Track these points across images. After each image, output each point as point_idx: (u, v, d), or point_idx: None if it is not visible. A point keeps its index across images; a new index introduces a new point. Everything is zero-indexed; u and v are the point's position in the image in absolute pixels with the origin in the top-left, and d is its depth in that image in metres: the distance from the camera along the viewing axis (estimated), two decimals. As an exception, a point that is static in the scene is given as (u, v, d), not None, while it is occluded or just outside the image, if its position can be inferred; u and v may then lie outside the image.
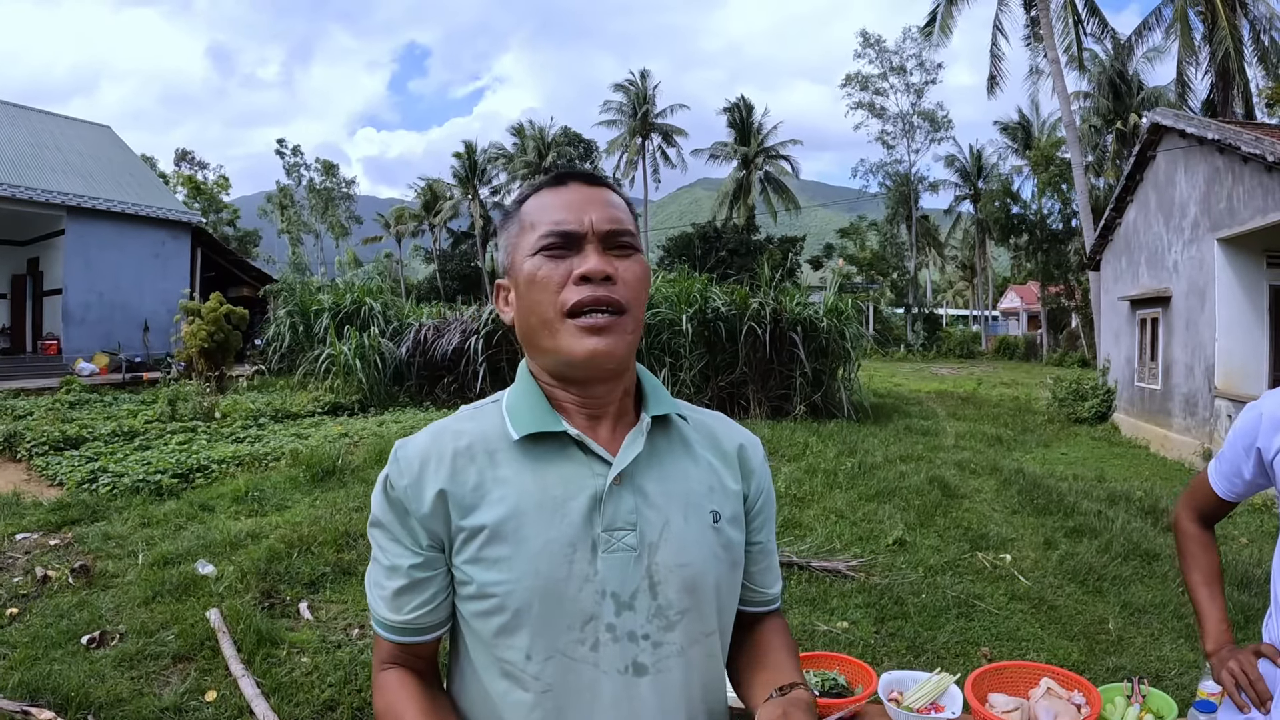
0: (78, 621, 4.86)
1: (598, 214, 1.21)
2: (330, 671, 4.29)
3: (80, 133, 25.49)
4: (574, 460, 1.21)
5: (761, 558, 1.41)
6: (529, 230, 1.23)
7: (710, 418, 1.41)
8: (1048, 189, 37.62)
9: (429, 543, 1.19)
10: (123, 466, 8.72)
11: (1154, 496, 8.81)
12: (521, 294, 1.22)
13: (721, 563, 1.27)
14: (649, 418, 1.26)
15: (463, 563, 1.18)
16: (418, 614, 1.21)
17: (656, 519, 1.21)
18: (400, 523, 1.20)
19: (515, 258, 1.24)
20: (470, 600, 1.18)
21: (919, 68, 46.49)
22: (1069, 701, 2.88)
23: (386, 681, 1.24)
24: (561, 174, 1.27)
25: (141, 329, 21.83)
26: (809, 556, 6.37)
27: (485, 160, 56.89)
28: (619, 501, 1.19)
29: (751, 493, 1.37)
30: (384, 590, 1.22)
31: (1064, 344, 40.74)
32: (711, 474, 1.31)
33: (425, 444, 1.22)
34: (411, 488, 1.18)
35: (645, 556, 1.19)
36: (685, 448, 1.31)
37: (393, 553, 1.21)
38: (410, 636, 1.23)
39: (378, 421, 12.79)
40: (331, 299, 17.68)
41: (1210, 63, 24.84)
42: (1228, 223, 10.95)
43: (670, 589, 1.20)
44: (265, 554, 5.97)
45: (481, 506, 1.17)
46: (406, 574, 1.20)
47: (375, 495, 1.23)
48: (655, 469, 1.25)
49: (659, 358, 14.44)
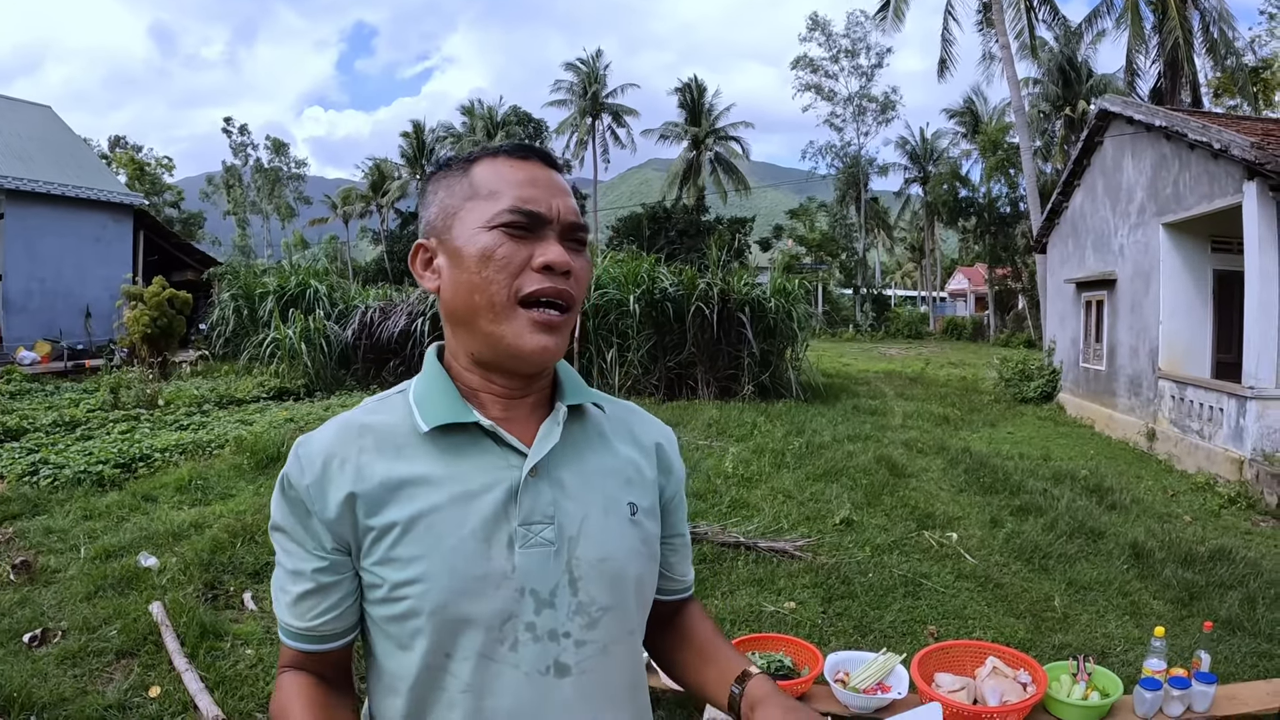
0: (19, 619, 4.73)
1: (563, 203, 1.16)
2: (275, 663, 4.23)
3: (20, 114, 24.77)
4: (487, 452, 1.15)
5: (681, 548, 1.40)
6: (486, 199, 1.13)
7: (625, 408, 1.36)
8: (995, 173, 38.05)
9: (334, 545, 1.12)
10: (64, 458, 8.52)
11: (1099, 475, 8.97)
12: (466, 267, 1.12)
13: (641, 557, 1.23)
14: (564, 407, 1.21)
15: (372, 564, 1.11)
16: (322, 620, 1.14)
17: (575, 511, 1.16)
18: (302, 525, 1.12)
19: (459, 224, 1.14)
20: (381, 604, 1.11)
21: (867, 51, 46.77)
22: (1015, 680, 2.91)
23: (283, 684, 1.17)
24: (523, 146, 1.19)
25: (84, 316, 21.34)
26: (756, 537, 6.38)
27: (434, 140, 56.32)
28: (536, 494, 1.14)
29: (670, 486, 1.34)
30: (287, 595, 1.15)
31: (1011, 325, 41.36)
32: (629, 465, 1.27)
33: (328, 440, 1.15)
34: (314, 487, 1.11)
35: (565, 551, 1.14)
36: (601, 438, 1.26)
37: (295, 556, 1.14)
38: (314, 644, 1.16)
39: (324, 406, 12.65)
40: (276, 282, 17.47)
41: (1160, 52, 25.25)
42: (1174, 208, 11.13)
43: (592, 584, 1.15)
44: (209, 544, 5.87)
45: (390, 504, 1.10)
46: (311, 578, 1.13)
47: (274, 496, 1.15)
48: (573, 460, 1.20)
49: (606, 338, 14.47)
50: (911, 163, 49.79)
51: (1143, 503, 8.07)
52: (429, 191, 1.22)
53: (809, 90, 48.31)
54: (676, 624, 1.40)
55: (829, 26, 47.21)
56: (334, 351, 15.32)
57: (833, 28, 47.32)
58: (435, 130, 56.85)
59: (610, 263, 15.94)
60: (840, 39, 46.90)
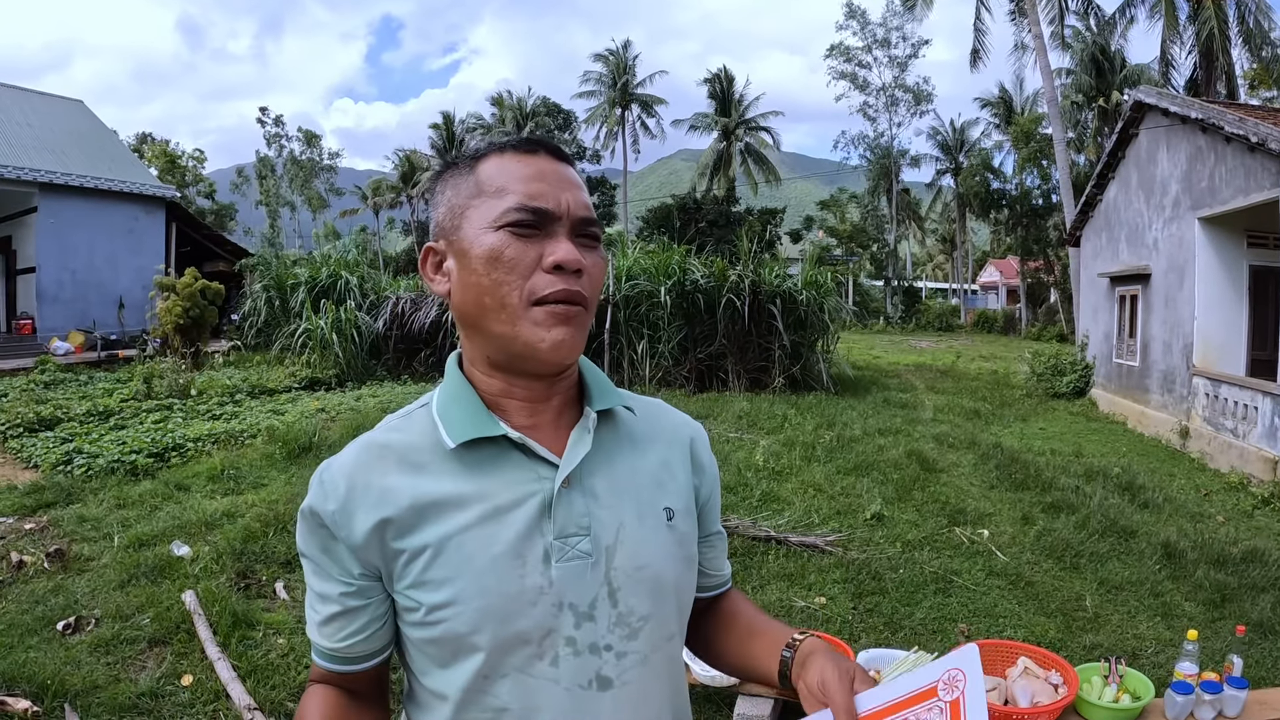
0: (53, 607, 4.80)
1: (573, 197, 1.11)
2: (306, 653, 4.25)
3: (52, 108, 25.08)
4: (516, 465, 1.12)
5: (717, 543, 1.38)
6: (493, 197, 1.10)
7: (654, 407, 1.33)
8: (1028, 164, 37.68)
9: (361, 571, 1.10)
10: (98, 447, 8.62)
11: (1131, 473, 8.87)
12: (475, 269, 1.09)
13: (678, 561, 1.20)
14: (594, 413, 1.17)
15: (405, 588, 1.09)
16: (349, 642, 1.13)
17: (610, 521, 1.13)
18: (326, 551, 1.11)
19: (467, 224, 1.11)
20: (418, 626, 1.09)
21: (903, 40, 46.43)
22: (1046, 681, 2.89)
23: (309, 696, 1.17)
24: (530, 139, 1.15)
25: (117, 306, 21.60)
26: (787, 531, 6.38)
27: (464, 131, 56.42)
28: (569, 505, 1.11)
29: (704, 486, 1.32)
30: (316, 615, 1.15)
31: (1042, 319, 40.99)
32: (662, 468, 1.24)
33: (351, 464, 1.12)
34: (339, 513, 1.09)
35: (602, 562, 1.11)
36: (632, 442, 1.23)
37: (322, 579, 1.12)
38: (343, 665, 1.15)
39: (355, 396, 12.72)
40: (308, 273, 17.57)
41: (1194, 42, 24.89)
42: (1209, 202, 10.98)
43: (631, 595, 1.13)
44: (241, 534, 5.93)
45: (420, 526, 1.08)
46: (337, 601, 1.12)
47: (299, 524, 1.14)
48: (604, 467, 1.16)
49: (637, 330, 14.46)
50: (943, 154, 49.34)
51: (1175, 502, 7.98)
52: (437, 191, 1.19)
53: (843, 79, 48.06)
54: (717, 612, 1.38)
55: (865, 15, 46.96)
56: (365, 342, 15.37)
57: (869, 16, 47.08)
58: (465, 121, 56.96)
59: (641, 254, 15.93)
60: (876, 28, 46.64)
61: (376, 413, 10.62)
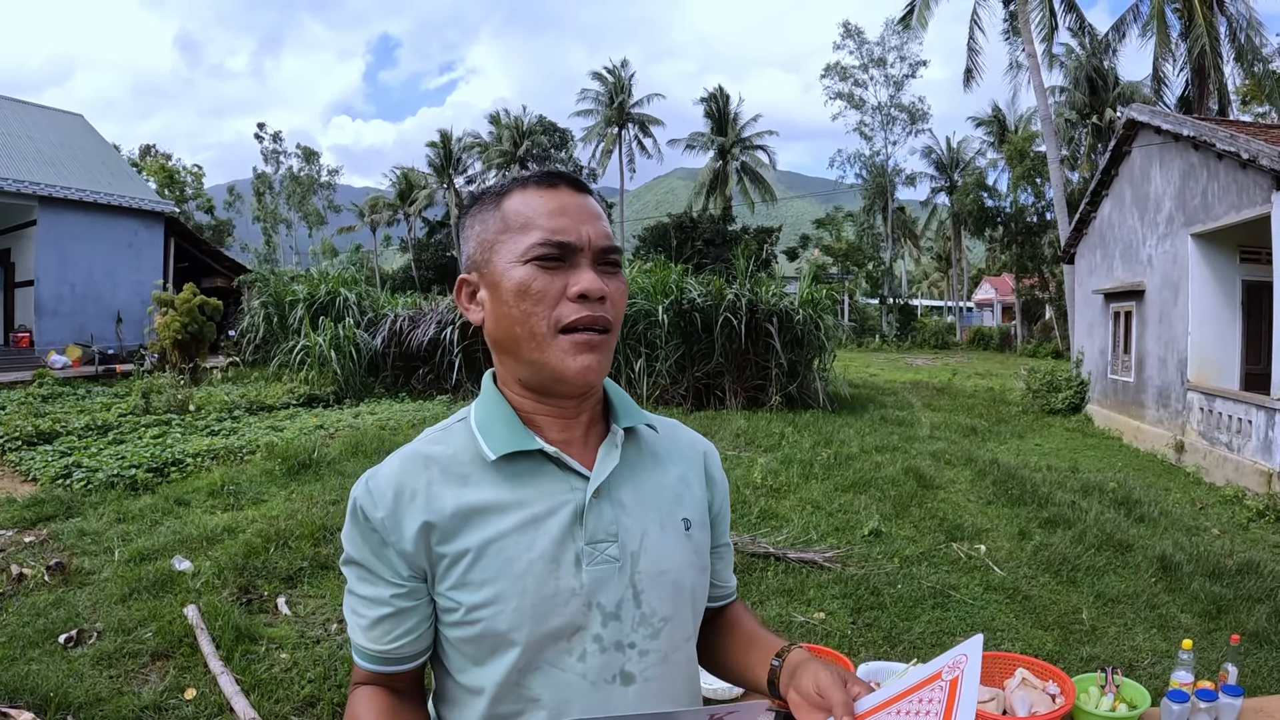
0: (54, 620, 4.81)
1: (594, 228, 1.18)
2: (310, 667, 4.29)
3: (52, 122, 25.13)
4: (551, 476, 1.20)
5: (725, 555, 1.47)
6: (519, 232, 1.17)
7: (672, 426, 1.42)
8: (1022, 182, 37.83)
9: (409, 573, 1.17)
10: (97, 461, 8.64)
11: (1127, 488, 8.90)
12: (505, 300, 1.16)
13: (695, 568, 1.29)
14: (620, 429, 1.26)
15: (447, 589, 1.16)
16: (399, 644, 1.19)
17: (635, 529, 1.22)
18: (378, 555, 1.17)
19: (496, 258, 1.18)
20: (457, 626, 1.17)
21: (899, 60, 46.66)
22: (1044, 691, 2.92)
23: (358, 697, 1.23)
24: (551, 174, 1.22)
25: (115, 321, 21.58)
26: (786, 547, 6.40)
27: (461, 149, 56.61)
28: (599, 514, 1.19)
29: (716, 499, 1.42)
30: (363, 619, 1.20)
31: (1038, 335, 41.12)
32: (680, 482, 1.33)
33: (396, 472, 1.19)
34: (389, 519, 1.16)
35: (628, 566, 1.20)
36: (654, 458, 1.32)
37: (372, 584, 1.19)
38: (390, 666, 1.21)
39: (353, 413, 12.74)
40: (306, 289, 17.57)
41: (1186, 59, 25.03)
42: (1202, 218, 11.06)
43: (653, 597, 1.22)
44: (242, 549, 5.94)
45: (462, 532, 1.15)
46: (389, 603, 1.18)
47: (348, 530, 1.20)
48: (629, 480, 1.25)
49: (635, 349, 14.47)
50: (938, 172, 49.61)
51: (1171, 515, 8.01)
52: (465, 226, 1.26)
53: (839, 98, 48.26)
54: (721, 622, 1.46)
55: (862, 34, 47.18)
56: (363, 359, 15.38)
57: (865, 36, 47.31)
58: (462, 139, 57.12)
59: (638, 273, 15.96)
60: (874, 47, 46.85)
61: (375, 430, 10.63)
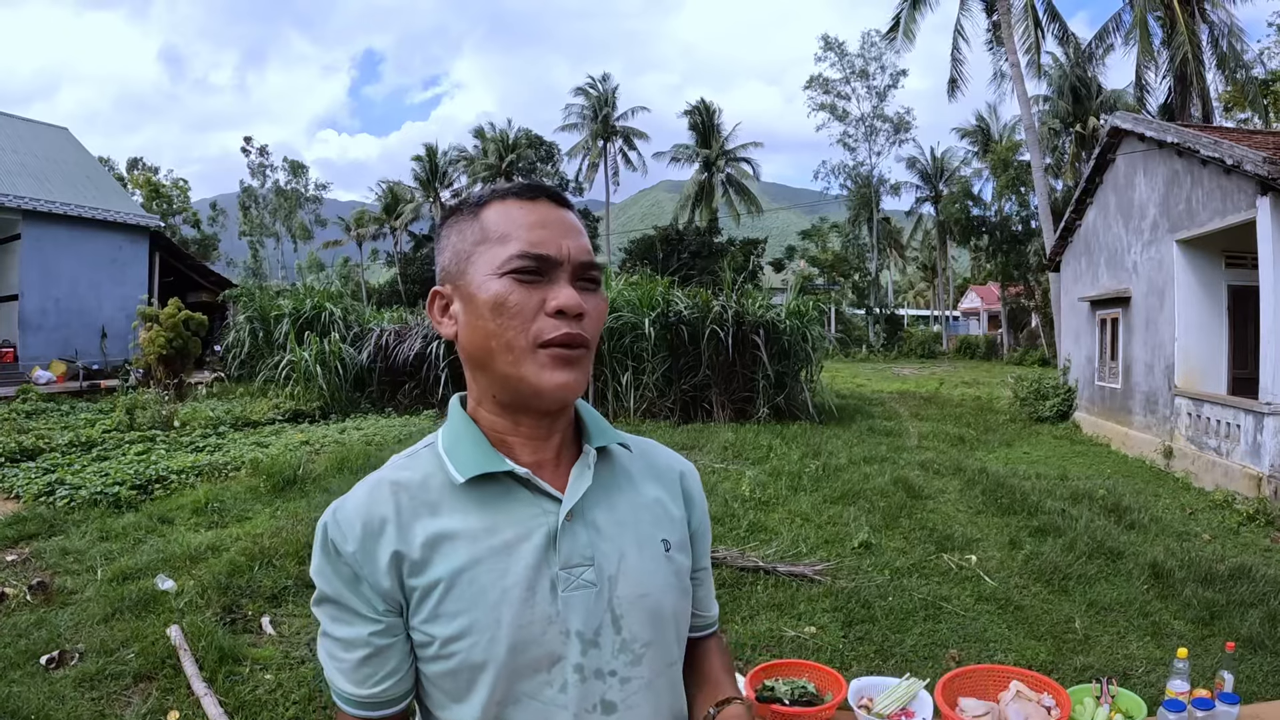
0: (36, 641, 4.74)
1: (573, 243, 1.15)
2: (294, 689, 4.22)
3: (37, 134, 25.01)
4: (521, 500, 1.15)
5: (704, 580, 1.41)
6: (497, 243, 1.13)
7: (648, 445, 1.38)
8: (1007, 191, 38.04)
9: (385, 608, 1.12)
10: (80, 478, 8.55)
11: (1116, 494, 8.91)
12: (481, 314, 1.12)
13: (676, 590, 1.24)
14: (593, 449, 1.22)
15: (420, 623, 1.11)
16: (384, 685, 1.13)
17: (612, 552, 1.17)
18: (353, 591, 1.11)
19: (473, 270, 1.14)
20: (433, 661, 1.12)
21: (881, 71, 46.86)
22: (1039, 704, 2.88)
23: None
24: (531, 186, 1.18)
25: (99, 336, 21.45)
26: (775, 561, 6.36)
27: (446, 163, 56.63)
28: (573, 537, 1.15)
29: (694, 520, 1.36)
30: (343, 663, 1.13)
31: (1024, 343, 41.31)
32: (656, 503, 1.28)
33: (364, 502, 1.14)
34: (359, 553, 1.10)
35: (606, 591, 1.15)
36: (628, 478, 1.27)
37: (349, 624, 1.12)
38: (378, 710, 1.14)
39: (339, 429, 12.68)
40: (292, 304, 17.53)
41: (1169, 67, 25.19)
42: (1187, 224, 11.10)
43: (634, 621, 1.17)
44: (226, 567, 5.87)
45: (432, 561, 1.11)
46: (368, 643, 1.12)
47: (318, 565, 1.14)
48: (604, 501, 1.21)
49: (621, 361, 14.46)
50: (923, 182, 49.83)
51: (1161, 521, 8.01)
52: (442, 237, 1.22)
53: (822, 110, 48.42)
54: (693, 659, 1.39)
55: (842, 46, 47.38)
56: (349, 374, 15.33)
57: (846, 48, 47.52)
58: (448, 153, 57.16)
59: (625, 285, 15.95)
60: (855, 59, 47.06)
61: (361, 446, 10.58)
